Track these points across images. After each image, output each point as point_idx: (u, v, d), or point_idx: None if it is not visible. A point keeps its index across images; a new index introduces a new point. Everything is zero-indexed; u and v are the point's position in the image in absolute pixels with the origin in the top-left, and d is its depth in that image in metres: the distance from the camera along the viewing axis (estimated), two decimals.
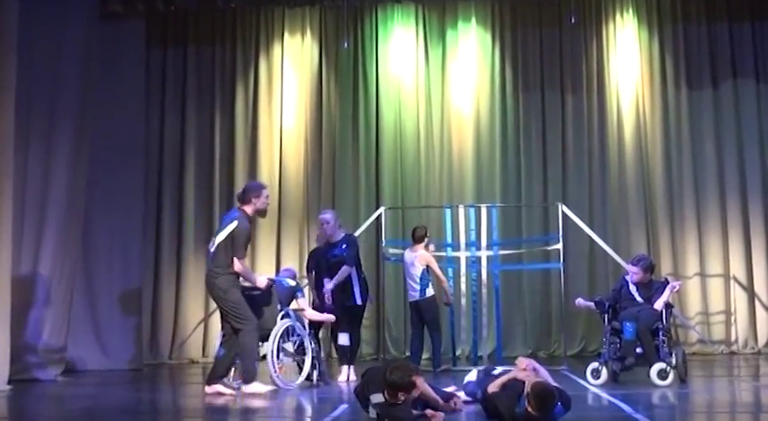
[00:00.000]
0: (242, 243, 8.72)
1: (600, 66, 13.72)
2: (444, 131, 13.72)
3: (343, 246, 9.95)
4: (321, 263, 10.14)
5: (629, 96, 13.59)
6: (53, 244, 11.04)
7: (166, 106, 13.59)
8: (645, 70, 13.61)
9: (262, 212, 8.99)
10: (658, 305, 9.37)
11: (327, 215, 10.12)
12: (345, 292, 9.97)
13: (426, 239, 10.95)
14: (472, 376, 7.77)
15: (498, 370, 7.41)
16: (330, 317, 9.85)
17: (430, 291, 10.78)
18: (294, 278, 10.36)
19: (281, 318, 9.32)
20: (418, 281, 10.72)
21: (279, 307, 9.37)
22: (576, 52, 13.73)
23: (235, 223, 8.69)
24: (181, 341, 13.19)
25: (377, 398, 6.46)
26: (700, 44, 13.59)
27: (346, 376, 9.96)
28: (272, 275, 10.69)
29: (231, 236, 8.66)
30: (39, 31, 11.01)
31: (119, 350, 12.07)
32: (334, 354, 11.63)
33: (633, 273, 9.59)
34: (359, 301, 10.01)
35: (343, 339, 9.99)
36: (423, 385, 6.56)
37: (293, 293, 9.73)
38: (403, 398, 6.34)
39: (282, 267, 12.02)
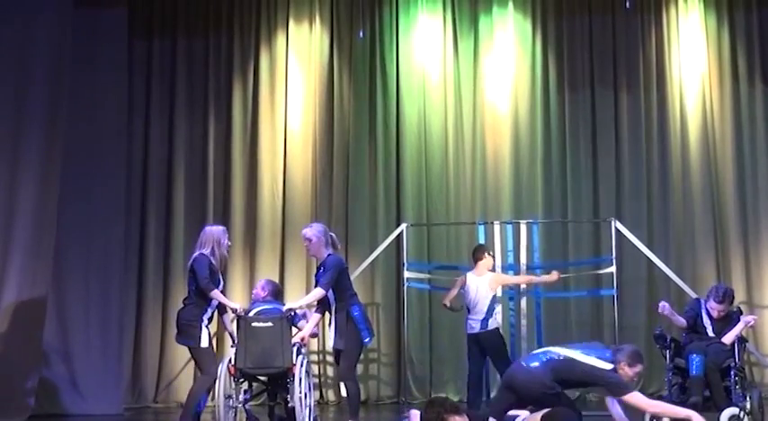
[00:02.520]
0: None
1: (660, 59, 13.61)
2: (477, 135, 13.63)
3: (321, 269, 9.52)
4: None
5: (695, 94, 13.45)
6: (19, 272, 11.03)
7: (152, 108, 13.51)
8: (713, 64, 13.48)
9: None
10: (728, 339, 9.50)
11: (309, 230, 9.66)
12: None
13: (486, 256, 10.84)
14: None
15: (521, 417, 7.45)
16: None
17: (493, 323, 10.58)
18: (280, 293, 10.31)
19: (297, 354, 9.32)
20: (485, 310, 10.53)
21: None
22: (631, 43, 13.63)
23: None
24: (167, 381, 13.02)
25: None
26: None
27: None
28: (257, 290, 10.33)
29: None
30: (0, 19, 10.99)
31: (95, 392, 12.00)
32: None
33: (719, 312, 9.69)
34: (366, 339, 9.48)
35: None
36: None
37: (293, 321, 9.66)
38: None
39: (264, 279, 10.95)
